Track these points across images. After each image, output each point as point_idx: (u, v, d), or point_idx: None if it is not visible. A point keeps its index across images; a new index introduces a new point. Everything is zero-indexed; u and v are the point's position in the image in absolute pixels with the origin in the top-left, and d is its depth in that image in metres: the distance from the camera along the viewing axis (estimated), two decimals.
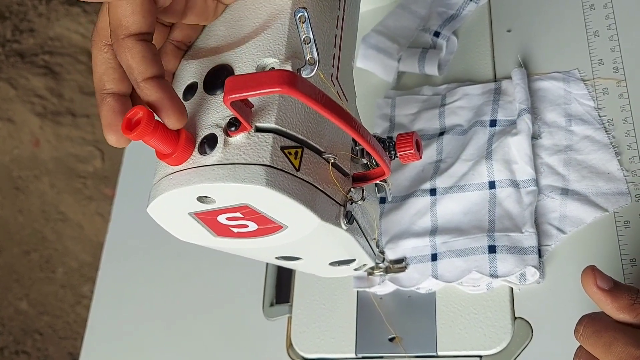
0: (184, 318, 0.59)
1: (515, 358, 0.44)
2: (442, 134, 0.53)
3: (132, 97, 0.34)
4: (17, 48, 1.78)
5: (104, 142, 1.63)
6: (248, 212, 0.33)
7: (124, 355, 0.61)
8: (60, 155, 1.65)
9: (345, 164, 0.36)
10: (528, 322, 0.45)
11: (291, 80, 0.27)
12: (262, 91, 0.27)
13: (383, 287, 0.49)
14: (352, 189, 0.36)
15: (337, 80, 0.36)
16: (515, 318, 0.45)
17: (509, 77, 0.52)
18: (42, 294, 1.55)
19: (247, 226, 0.34)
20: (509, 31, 0.56)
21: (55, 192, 1.62)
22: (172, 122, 0.31)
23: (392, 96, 0.57)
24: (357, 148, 0.38)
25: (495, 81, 0.54)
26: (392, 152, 0.39)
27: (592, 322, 0.36)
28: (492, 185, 0.48)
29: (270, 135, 0.31)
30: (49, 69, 1.73)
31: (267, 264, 0.57)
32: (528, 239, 0.45)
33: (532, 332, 0.44)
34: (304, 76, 0.31)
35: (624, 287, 0.36)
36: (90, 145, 1.65)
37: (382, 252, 0.49)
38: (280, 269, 0.57)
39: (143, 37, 0.32)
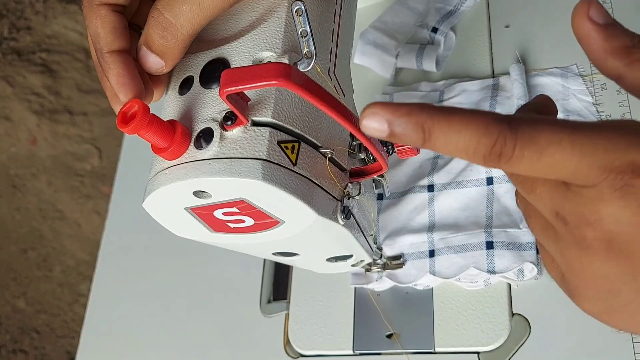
0: (181, 315, 0.59)
1: (513, 354, 0.44)
2: None
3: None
4: (14, 46, 1.77)
5: (102, 140, 1.63)
6: (244, 207, 0.32)
7: (121, 353, 0.60)
8: (58, 153, 1.65)
9: (342, 158, 0.35)
10: (526, 318, 0.44)
11: (287, 73, 0.26)
12: (258, 84, 0.27)
13: (380, 283, 0.49)
14: (349, 184, 0.35)
15: (334, 75, 0.36)
16: (513, 314, 0.45)
17: (507, 73, 0.52)
18: (40, 292, 1.55)
19: (243, 221, 0.34)
20: (507, 27, 0.56)
21: (52, 190, 1.62)
22: (125, 100, 0.31)
23: (389, 92, 0.57)
24: (355, 143, 0.38)
25: (494, 77, 0.54)
26: (390, 147, 0.39)
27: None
28: (489, 181, 0.48)
29: (267, 129, 0.31)
30: (46, 67, 1.73)
31: (264, 260, 0.57)
32: (526, 235, 0.45)
33: (530, 328, 0.44)
34: (301, 70, 0.31)
35: (622, 27, 0.26)
36: (88, 143, 1.64)
37: (380, 249, 0.49)
38: (277, 266, 0.57)
39: (118, 8, 0.32)
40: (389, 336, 0.48)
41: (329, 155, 0.34)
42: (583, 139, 0.22)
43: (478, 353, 0.45)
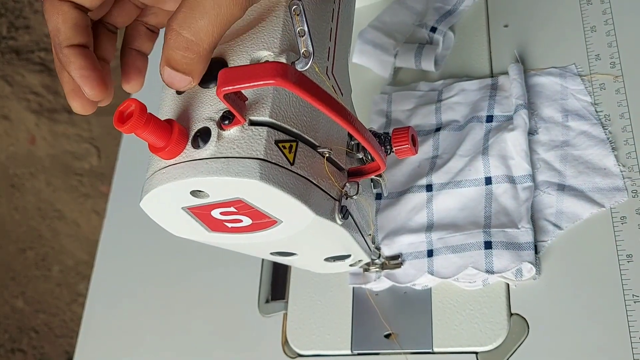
0: (179, 315, 0.59)
1: (512, 354, 0.44)
2: (438, 129, 0.53)
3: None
4: (12, 45, 1.77)
5: (101, 139, 1.63)
6: (242, 206, 0.32)
7: (119, 353, 0.60)
8: (56, 152, 1.64)
9: (340, 158, 0.35)
10: (524, 318, 0.44)
11: (285, 72, 0.26)
12: (255, 83, 0.27)
13: (379, 283, 0.49)
14: (347, 184, 0.35)
15: (332, 74, 0.36)
16: (511, 314, 0.45)
17: (506, 73, 0.52)
18: (38, 292, 1.55)
19: (241, 221, 0.34)
20: (505, 26, 0.55)
21: (51, 189, 1.62)
22: (92, 92, 0.31)
23: (388, 92, 0.57)
24: (353, 142, 0.38)
25: (492, 77, 0.53)
26: (388, 146, 0.39)
27: None
28: (488, 181, 0.48)
29: (265, 128, 0.31)
30: (44, 66, 1.73)
31: (262, 260, 0.57)
32: (524, 234, 0.45)
33: (528, 328, 0.44)
34: (299, 69, 0.31)
35: None
36: (87, 143, 1.64)
37: (378, 248, 0.49)
38: (275, 266, 0.57)
39: (81, 7, 0.32)
40: (387, 336, 0.48)
41: (327, 155, 0.33)
42: None
43: (476, 353, 0.45)
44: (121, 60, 0.37)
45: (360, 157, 0.38)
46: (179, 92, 0.33)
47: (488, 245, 0.45)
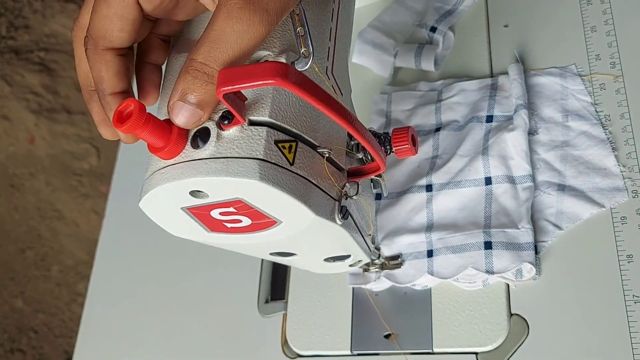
0: (178, 315, 0.59)
1: (512, 355, 0.44)
2: (438, 129, 0.53)
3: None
4: (12, 45, 1.77)
5: (100, 139, 1.63)
6: (241, 206, 0.32)
7: (118, 352, 0.60)
8: (56, 152, 1.64)
9: (340, 158, 0.35)
10: (524, 319, 0.44)
11: (284, 72, 0.26)
12: (255, 83, 0.27)
13: (378, 283, 0.49)
14: (347, 184, 0.35)
15: (332, 74, 0.36)
16: (512, 314, 0.45)
17: (506, 73, 0.52)
18: (38, 292, 1.55)
19: (240, 221, 0.34)
20: (505, 26, 0.55)
21: (50, 189, 1.62)
22: (126, 138, 0.33)
23: (388, 92, 0.57)
24: (353, 142, 0.38)
25: (492, 77, 0.53)
26: (388, 146, 0.38)
27: None
28: (488, 181, 0.48)
29: (264, 128, 0.31)
30: (44, 66, 1.73)
31: (262, 260, 0.57)
32: (524, 235, 0.45)
33: (528, 328, 0.44)
34: (298, 69, 0.31)
35: None
36: (86, 143, 1.64)
37: (378, 249, 0.49)
38: (275, 266, 0.56)
39: (123, 52, 0.32)
40: (387, 336, 0.48)
41: (327, 155, 0.33)
42: None
43: (476, 353, 0.45)
44: (137, 75, 0.36)
45: (360, 157, 0.38)
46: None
47: (488, 245, 0.45)
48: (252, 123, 0.31)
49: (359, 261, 0.46)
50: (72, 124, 1.66)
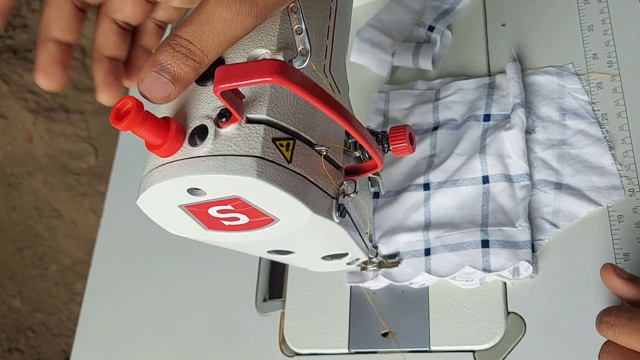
0: (176, 313, 0.59)
1: (508, 353, 0.44)
2: (435, 128, 0.53)
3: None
4: (10, 44, 1.77)
5: (98, 138, 1.63)
6: (239, 204, 0.32)
7: (116, 352, 0.60)
8: (54, 151, 1.64)
9: (337, 156, 0.35)
10: (521, 317, 0.44)
11: (282, 69, 0.26)
12: (252, 81, 0.27)
13: (376, 282, 0.49)
14: (344, 182, 0.35)
15: (330, 72, 0.36)
16: (509, 313, 0.45)
17: (503, 72, 0.52)
18: (36, 291, 1.54)
19: (238, 219, 0.34)
20: (503, 25, 0.56)
21: (48, 188, 1.62)
22: (104, 98, 0.36)
23: (386, 91, 0.57)
24: (350, 141, 0.38)
25: (490, 75, 0.54)
26: (385, 145, 0.38)
27: (624, 311, 0.36)
28: (485, 179, 0.48)
29: (262, 126, 0.31)
30: None
31: (260, 258, 0.57)
32: (521, 233, 0.45)
33: (525, 326, 0.44)
34: (296, 67, 0.31)
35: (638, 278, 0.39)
36: (84, 142, 1.64)
37: (376, 247, 0.49)
38: (273, 264, 0.56)
39: (127, 27, 0.35)
40: (385, 335, 0.48)
41: (324, 153, 0.33)
42: None
43: (473, 352, 0.45)
44: (128, 57, 0.38)
45: (358, 155, 0.38)
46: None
47: (485, 243, 0.45)
48: (250, 121, 0.31)
49: (356, 259, 0.46)
50: (70, 123, 1.65)
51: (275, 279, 0.56)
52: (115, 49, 0.37)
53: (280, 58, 0.32)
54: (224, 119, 0.30)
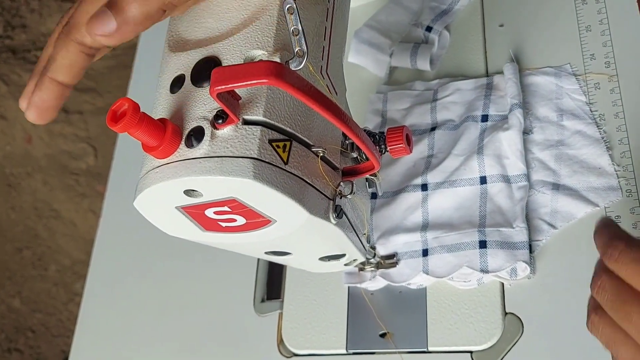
0: (174, 314, 0.59)
1: (506, 353, 0.44)
2: (433, 129, 0.53)
3: None
4: (9, 44, 1.77)
5: (97, 139, 1.63)
6: (236, 205, 0.32)
7: (115, 352, 0.60)
8: (53, 152, 1.64)
9: (334, 157, 0.35)
10: (519, 318, 0.44)
11: (278, 71, 0.26)
12: (248, 82, 0.27)
13: (374, 282, 0.49)
14: (341, 183, 0.35)
15: (327, 73, 0.36)
16: (506, 313, 0.45)
17: (501, 72, 0.52)
18: (35, 291, 1.54)
19: (235, 220, 0.34)
20: (501, 26, 0.56)
21: (47, 189, 1.62)
22: (31, 116, 0.33)
23: (384, 91, 0.57)
24: (347, 142, 0.38)
25: (487, 76, 0.54)
26: (383, 146, 0.39)
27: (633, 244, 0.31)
28: (483, 180, 0.48)
29: (258, 128, 0.31)
30: None
31: (258, 259, 0.57)
32: (519, 234, 0.45)
33: (523, 327, 0.44)
34: (293, 68, 0.31)
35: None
36: (83, 142, 1.64)
37: (373, 248, 0.49)
38: (271, 265, 0.56)
39: (88, 51, 0.33)
40: (382, 335, 0.48)
41: (321, 154, 0.33)
42: None
43: (471, 352, 0.45)
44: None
45: (355, 156, 0.38)
46: (172, 91, 0.33)
47: (483, 244, 0.45)
48: (246, 122, 0.31)
49: (354, 260, 0.46)
50: (69, 124, 1.65)
51: (273, 280, 0.56)
52: (75, 75, 0.34)
53: (277, 59, 0.32)
54: (220, 121, 0.30)
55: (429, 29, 0.57)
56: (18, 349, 1.49)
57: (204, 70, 0.32)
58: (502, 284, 0.46)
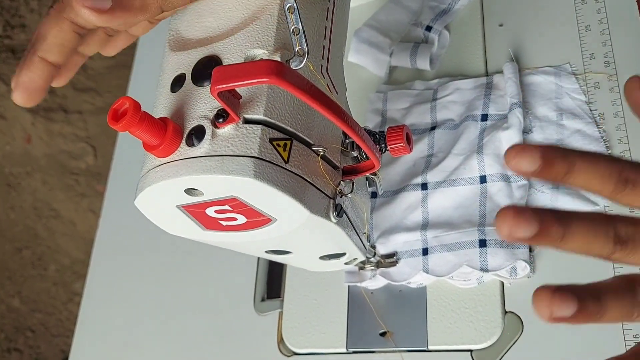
0: (174, 313, 0.59)
1: (506, 352, 0.44)
2: (433, 128, 0.53)
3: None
4: (8, 44, 1.77)
5: (97, 138, 1.63)
6: (237, 204, 0.32)
7: (114, 352, 0.60)
8: (53, 151, 1.64)
9: (335, 156, 0.35)
10: (518, 317, 0.45)
11: (279, 70, 0.26)
12: (249, 81, 0.27)
13: (374, 281, 0.49)
14: (341, 182, 0.35)
15: (327, 73, 0.36)
16: (506, 312, 0.45)
17: (501, 72, 0.52)
18: (34, 291, 1.54)
19: (235, 219, 0.34)
20: (500, 25, 0.56)
21: (47, 188, 1.62)
22: (18, 99, 0.33)
23: (384, 91, 0.57)
24: (347, 141, 0.38)
25: (487, 75, 0.54)
26: (383, 145, 0.39)
27: None
28: (483, 179, 0.48)
29: (259, 127, 0.31)
30: None
31: (258, 258, 0.57)
32: None
33: (523, 326, 0.44)
34: (293, 67, 0.31)
35: None
36: (83, 142, 1.64)
37: (373, 247, 0.49)
38: (271, 264, 0.57)
39: (80, 30, 0.33)
40: (383, 334, 0.48)
41: (322, 153, 0.34)
42: None
43: (471, 351, 0.45)
44: None
45: (355, 155, 0.38)
46: (173, 90, 0.33)
47: (483, 243, 0.45)
48: (247, 121, 0.31)
49: (354, 259, 0.46)
50: (68, 123, 1.65)
51: (273, 279, 0.56)
52: (65, 55, 0.33)
53: (277, 58, 0.32)
54: (221, 120, 0.30)
55: (428, 28, 0.57)
56: (18, 348, 1.49)
57: (205, 69, 0.32)
58: (502, 282, 0.46)
